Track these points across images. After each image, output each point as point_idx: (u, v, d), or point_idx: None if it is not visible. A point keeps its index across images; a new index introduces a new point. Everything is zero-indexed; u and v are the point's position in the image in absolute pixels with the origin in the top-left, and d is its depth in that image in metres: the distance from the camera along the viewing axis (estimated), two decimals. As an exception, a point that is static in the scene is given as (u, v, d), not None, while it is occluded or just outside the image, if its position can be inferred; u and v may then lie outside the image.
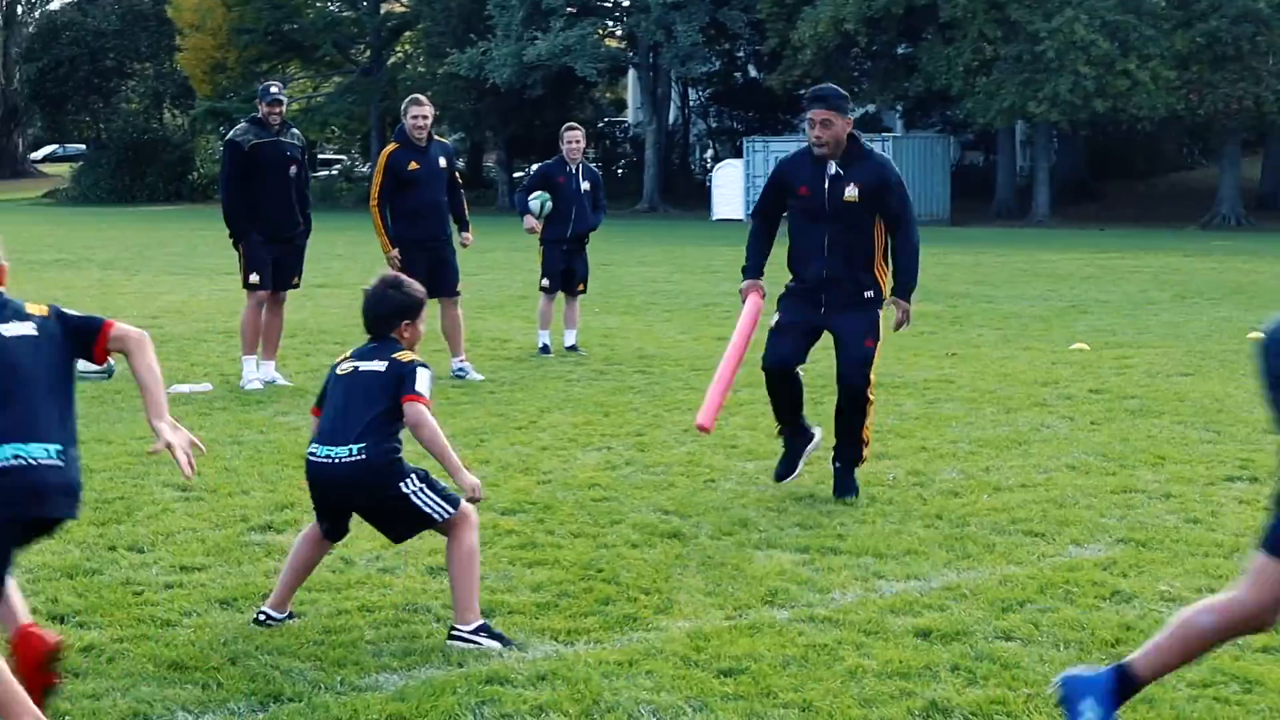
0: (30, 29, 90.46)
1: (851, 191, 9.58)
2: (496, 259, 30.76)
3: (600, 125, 74.14)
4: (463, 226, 15.32)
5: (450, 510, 6.87)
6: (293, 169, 14.31)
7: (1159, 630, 5.68)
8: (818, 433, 10.11)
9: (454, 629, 6.82)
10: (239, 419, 12.35)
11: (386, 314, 7.16)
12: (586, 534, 8.76)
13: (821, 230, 9.67)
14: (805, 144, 9.85)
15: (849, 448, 9.84)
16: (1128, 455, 11.15)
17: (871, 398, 9.87)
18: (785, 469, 9.98)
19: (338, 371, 7.13)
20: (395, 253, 14.64)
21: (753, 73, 69.14)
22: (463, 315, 15.16)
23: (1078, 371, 15.51)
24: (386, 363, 6.97)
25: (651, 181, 63.21)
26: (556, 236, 16.87)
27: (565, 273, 16.95)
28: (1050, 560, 8.27)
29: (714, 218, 57.76)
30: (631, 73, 70.41)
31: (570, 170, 16.93)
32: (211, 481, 9.96)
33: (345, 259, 31.82)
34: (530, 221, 16.77)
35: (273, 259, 14.25)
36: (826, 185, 9.63)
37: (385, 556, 8.21)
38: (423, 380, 6.91)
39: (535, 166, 17.87)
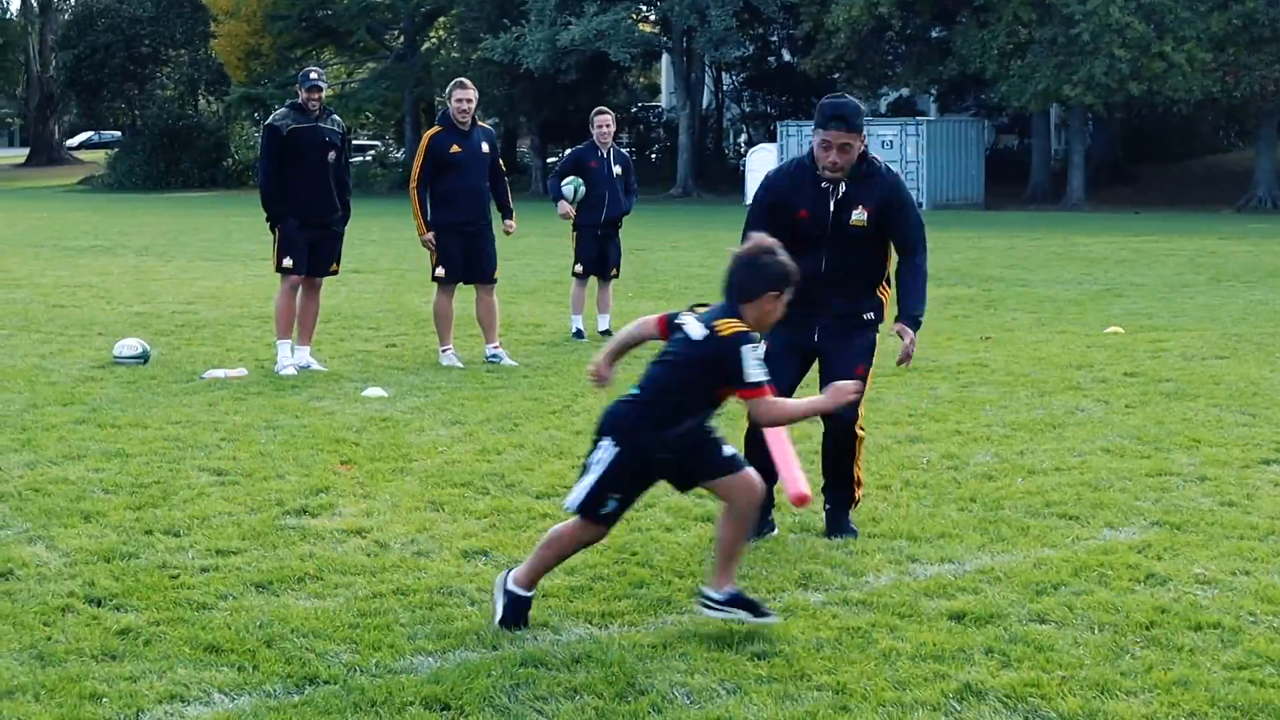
0: (66, 16, 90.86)
1: (859, 214, 8.30)
2: (530, 244, 30.78)
3: (634, 110, 74.10)
4: (506, 214, 15.32)
5: (573, 508, 6.78)
6: (331, 155, 14.32)
7: None
8: (774, 527, 8.56)
9: (508, 582, 6.84)
10: (274, 404, 12.39)
11: (752, 281, 6.62)
12: (621, 518, 8.74)
13: (818, 255, 8.30)
14: (799, 158, 8.49)
15: (839, 489, 8.59)
16: (1162, 438, 11.12)
17: (861, 434, 8.65)
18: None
19: (678, 322, 6.78)
20: (430, 236, 14.66)
21: (786, 57, 68.97)
22: (497, 302, 15.18)
23: (1112, 355, 15.47)
24: (706, 332, 6.54)
25: (685, 166, 63.14)
26: (590, 221, 16.88)
27: (598, 258, 16.98)
28: (1084, 543, 8.26)
29: (747, 202, 57.55)
30: (665, 57, 70.32)
31: (602, 154, 16.93)
32: (247, 466, 10.00)
33: (380, 245, 31.90)
34: (564, 207, 16.78)
35: (309, 244, 14.27)
36: (831, 208, 8.30)
37: (420, 540, 8.24)
38: (751, 364, 6.44)
39: (567, 152, 17.86)
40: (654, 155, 72.04)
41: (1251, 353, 15.54)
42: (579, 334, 16.78)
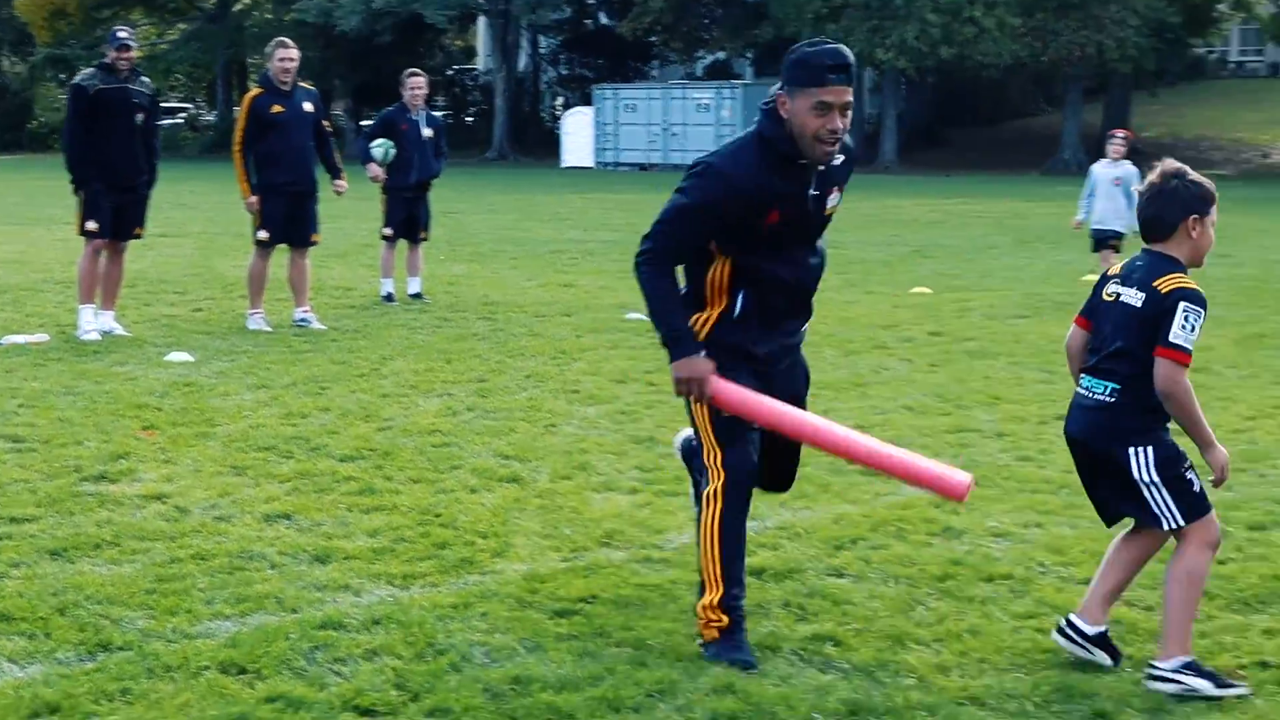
0: None
1: (835, 199, 6.19)
2: (342, 207, 30.42)
3: (450, 73, 73.71)
4: (334, 175, 15.15)
5: (1180, 520, 5.76)
6: (139, 117, 14.03)
7: None
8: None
9: (1152, 666, 5.78)
10: (75, 369, 12.17)
11: (1169, 211, 5.81)
12: (425, 479, 8.75)
13: (799, 257, 6.19)
14: (745, 142, 6.12)
15: None
16: (964, 396, 11.33)
17: None
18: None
19: (1105, 294, 5.96)
20: (254, 199, 14.48)
21: (604, 20, 68.98)
22: (310, 265, 15.04)
23: (918, 315, 15.71)
24: (1145, 295, 5.73)
25: (501, 129, 62.97)
26: (399, 184, 16.76)
27: (407, 220, 16.87)
28: (884, 499, 8.38)
29: (563, 165, 57.71)
30: (481, 20, 70.02)
31: (413, 117, 16.81)
32: (45, 432, 9.81)
33: (189, 209, 31.40)
34: (373, 169, 16.62)
35: (114, 208, 14.00)
36: (810, 202, 6.06)
37: (221, 505, 8.15)
38: (1179, 325, 5.61)
39: (378, 114, 17.73)
40: (470, 118, 71.71)
41: (1052, 312, 15.89)
42: (389, 298, 16.67)
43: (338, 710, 5.43)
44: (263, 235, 14.56)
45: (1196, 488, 5.76)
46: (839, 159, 6.08)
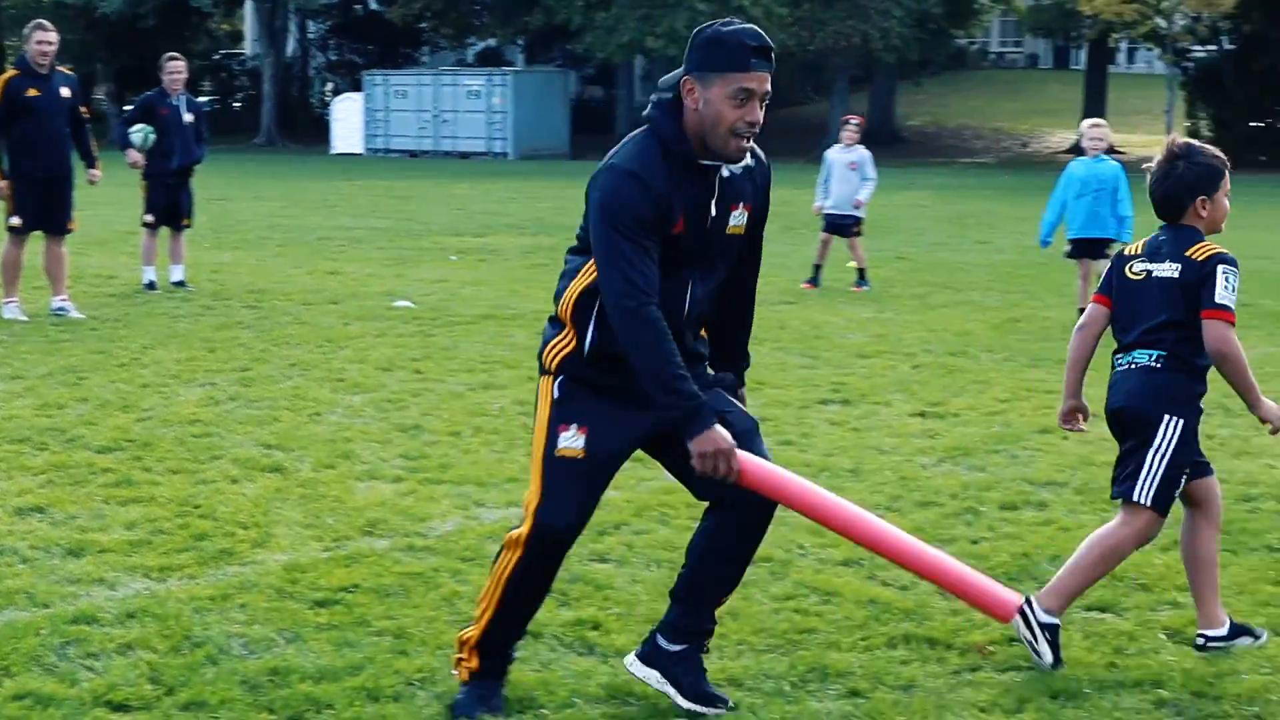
0: None
1: (739, 216, 5.36)
2: (102, 194, 29.81)
3: (216, 58, 72.55)
4: (89, 163, 14.81)
5: (1147, 500, 5.79)
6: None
7: None
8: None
9: (1029, 604, 5.80)
10: None
11: (1176, 193, 5.94)
12: (185, 470, 8.61)
13: (683, 281, 5.28)
14: (643, 140, 5.20)
15: (707, 614, 5.49)
16: (728, 381, 11.43)
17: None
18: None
19: (1129, 273, 5.99)
20: (3, 185, 14.10)
21: (373, 5, 68.42)
22: (67, 253, 14.69)
23: (685, 301, 15.80)
24: (1180, 265, 5.84)
25: (269, 115, 62.11)
26: (160, 170, 16.43)
27: (169, 207, 16.56)
28: (647, 484, 8.41)
29: (333, 151, 57.16)
30: (249, 3, 68.96)
31: (173, 102, 16.51)
32: None
33: (-57, 194, 30.49)
34: (133, 155, 16.30)
35: None
36: (713, 209, 5.25)
37: (-29, 499, 7.95)
38: (1222, 286, 5.73)
39: (137, 98, 17.40)
40: (237, 104, 70.67)
41: (816, 298, 16.13)
42: (151, 285, 16.36)
43: (89, 706, 5.33)
44: (15, 222, 14.20)
45: (1176, 494, 5.87)
46: (746, 169, 5.33)
